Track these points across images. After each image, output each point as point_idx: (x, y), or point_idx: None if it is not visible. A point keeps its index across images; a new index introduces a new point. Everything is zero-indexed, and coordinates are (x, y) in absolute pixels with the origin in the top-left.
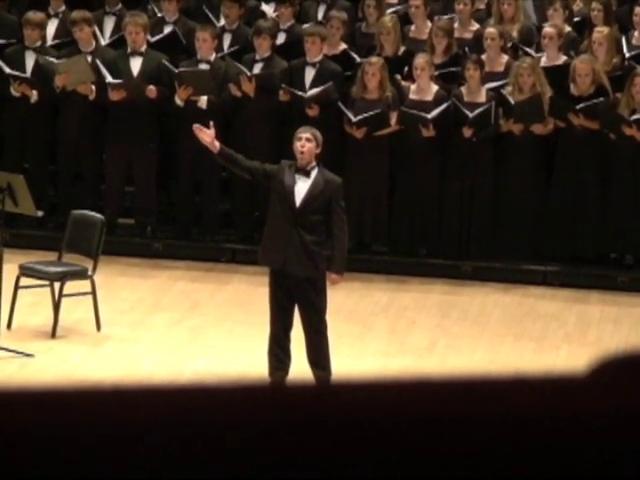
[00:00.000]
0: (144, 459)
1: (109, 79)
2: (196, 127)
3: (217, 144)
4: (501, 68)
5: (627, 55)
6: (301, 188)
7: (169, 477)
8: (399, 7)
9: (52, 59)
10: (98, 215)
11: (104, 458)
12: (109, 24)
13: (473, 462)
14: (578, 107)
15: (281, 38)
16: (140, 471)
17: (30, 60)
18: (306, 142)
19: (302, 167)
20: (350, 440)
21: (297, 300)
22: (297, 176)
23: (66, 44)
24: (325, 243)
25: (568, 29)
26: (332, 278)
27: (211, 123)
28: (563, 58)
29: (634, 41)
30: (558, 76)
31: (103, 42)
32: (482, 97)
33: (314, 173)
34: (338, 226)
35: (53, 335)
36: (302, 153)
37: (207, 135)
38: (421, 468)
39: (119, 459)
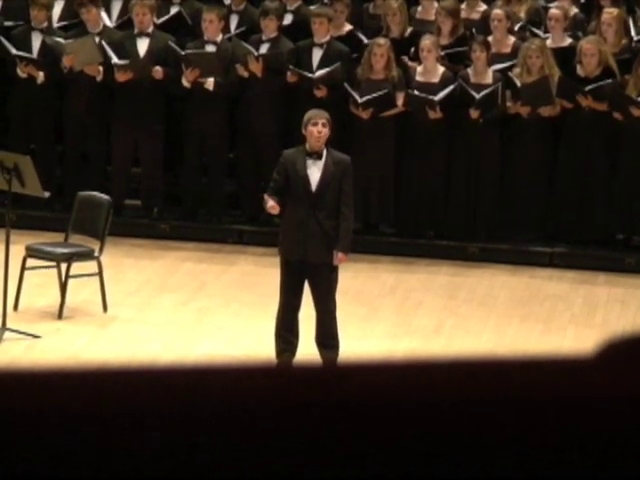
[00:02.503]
0: (150, 440)
1: (115, 60)
2: (270, 209)
3: (278, 208)
4: (508, 49)
5: (635, 37)
6: (314, 172)
7: (174, 458)
8: None
9: (60, 40)
10: (105, 196)
11: (110, 439)
12: (116, 5)
13: (478, 443)
14: (587, 89)
15: (288, 19)
16: (145, 452)
17: (36, 41)
18: (322, 127)
19: (314, 151)
20: (357, 422)
21: (310, 281)
22: (308, 161)
23: (73, 25)
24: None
25: (575, 10)
26: (339, 257)
27: (266, 196)
28: (569, 40)
29: None
30: (564, 58)
31: (110, 23)
32: (489, 78)
33: (324, 155)
34: (346, 204)
35: (60, 316)
36: (319, 138)
37: (275, 209)
38: (427, 450)
39: (125, 440)
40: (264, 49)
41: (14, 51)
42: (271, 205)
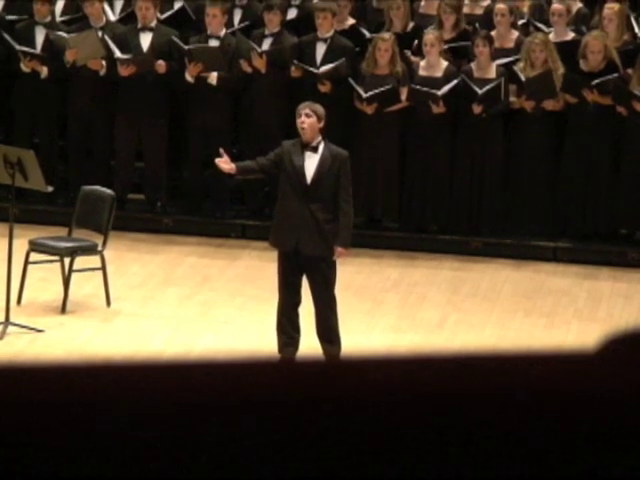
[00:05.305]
0: (154, 434)
1: (118, 54)
2: (218, 162)
3: (233, 166)
4: (511, 44)
5: (639, 33)
6: (310, 164)
7: (178, 451)
8: None
9: (63, 34)
10: (108, 190)
11: (113, 432)
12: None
13: (481, 437)
14: (593, 83)
15: (292, 13)
16: (149, 445)
17: (40, 35)
18: (306, 118)
19: (308, 142)
20: (360, 416)
21: (307, 275)
22: (305, 153)
23: (76, 19)
24: (336, 220)
25: (579, 5)
26: (338, 251)
27: (221, 150)
28: (571, 34)
29: None
30: (567, 52)
31: (113, 17)
32: (492, 73)
33: (321, 148)
34: (344, 199)
35: (63, 310)
36: (303, 129)
37: (226, 164)
38: (429, 443)
39: (128, 433)
40: (267, 43)
41: (18, 47)
42: (221, 160)
